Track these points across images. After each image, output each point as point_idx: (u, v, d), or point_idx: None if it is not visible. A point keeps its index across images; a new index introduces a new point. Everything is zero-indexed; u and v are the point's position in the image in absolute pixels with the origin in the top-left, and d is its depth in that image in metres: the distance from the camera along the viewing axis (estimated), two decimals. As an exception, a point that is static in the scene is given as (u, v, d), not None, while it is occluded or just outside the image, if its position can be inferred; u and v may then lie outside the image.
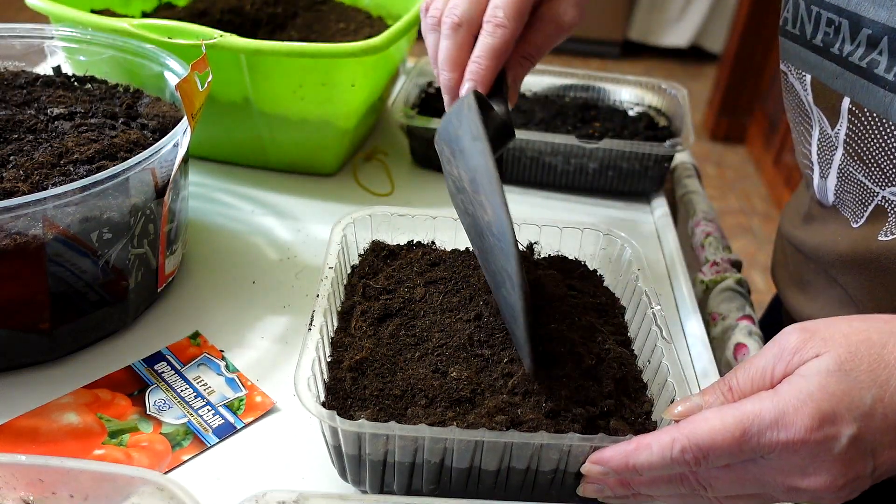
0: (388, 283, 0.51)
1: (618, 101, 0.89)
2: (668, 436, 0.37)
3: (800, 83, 0.55)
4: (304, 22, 0.84)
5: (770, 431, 0.35)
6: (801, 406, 0.35)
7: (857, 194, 0.52)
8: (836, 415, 0.35)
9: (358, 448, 0.41)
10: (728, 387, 0.39)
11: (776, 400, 0.36)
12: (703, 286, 0.70)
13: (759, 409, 0.36)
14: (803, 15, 0.52)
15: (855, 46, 0.48)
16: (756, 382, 0.38)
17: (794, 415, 0.35)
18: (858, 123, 0.49)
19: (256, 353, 0.55)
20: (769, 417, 0.35)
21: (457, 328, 0.47)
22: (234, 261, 0.65)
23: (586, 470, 0.41)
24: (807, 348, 0.37)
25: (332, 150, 0.75)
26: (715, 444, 0.36)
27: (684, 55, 3.63)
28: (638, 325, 0.51)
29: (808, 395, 0.35)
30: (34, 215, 0.45)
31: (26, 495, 0.37)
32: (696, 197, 0.82)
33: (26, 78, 0.63)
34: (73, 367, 0.52)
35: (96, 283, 0.51)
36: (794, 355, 0.37)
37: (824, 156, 0.55)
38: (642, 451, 0.38)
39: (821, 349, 0.36)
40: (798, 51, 0.54)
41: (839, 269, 0.55)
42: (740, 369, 0.39)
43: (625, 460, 0.38)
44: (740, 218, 2.43)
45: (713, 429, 0.36)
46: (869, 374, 0.35)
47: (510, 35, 0.49)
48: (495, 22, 0.48)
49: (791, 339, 0.37)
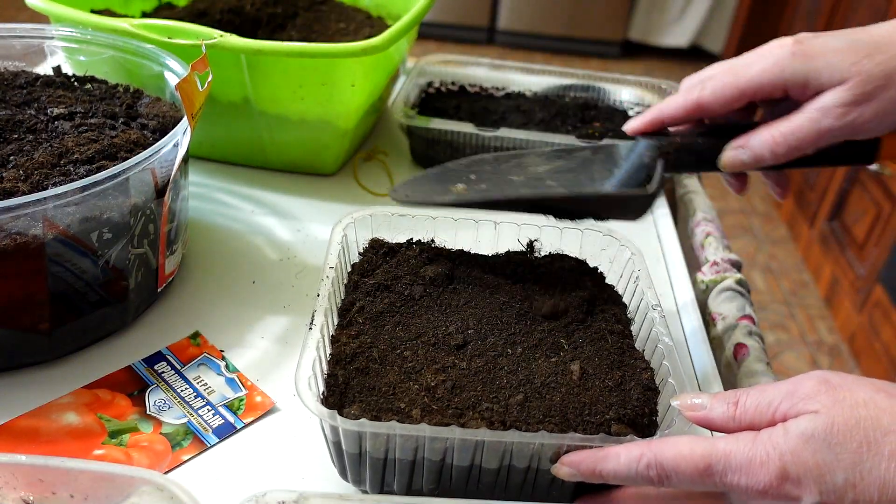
0: (387, 279, 0.51)
1: (618, 101, 0.89)
2: (638, 450, 0.38)
3: None
4: (304, 22, 0.84)
5: (733, 474, 0.36)
6: (769, 461, 0.35)
7: None
8: (801, 481, 0.34)
9: (358, 446, 0.41)
10: (735, 401, 0.39)
11: (750, 447, 0.36)
12: (703, 286, 0.70)
13: (729, 451, 0.36)
14: None
15: None
16: (760, 411, 0.38)
17: (760, 468, 0.35)
18: None
19: (256, 353, 0.55)
20: (736, 462, 0.36)
21: (459, 325, 0.47)
22: (234, 261, 0.65)
23: (555, 470, 0.41)
24: (814, 399, 0.36)
25: (332, 150, 0.75)
26: (678, 469, 0.37)
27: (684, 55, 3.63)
28: (638, 325, 0.51)
29: (779, 453, 0.35)
30: (34, 215, 0.45)
31: (26, 495, 0.37)
32: (696, 197, 0.82)
33: (26, 78, 0.63)
34: (72, 367, 0.52)
35: (96, 283, 0.51)
36: (800, 401, 0.36)
37: None
38: (610, 459, 0.39)
39: (822, 407, 0.35)
40: None
41: None
42: (753, 392, 0.38)
43: (593, 466, 0.39)
44: (740, 218, 2.43)
45: (679, 454, 0.37)
46: (853, 454, 0.34)
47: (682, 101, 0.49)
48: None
49: (807, 385, 0.37)
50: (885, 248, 1.73)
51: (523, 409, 0.42)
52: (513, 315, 0.49)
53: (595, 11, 3.41)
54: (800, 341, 1.89)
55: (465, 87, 0.90)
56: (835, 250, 1.98)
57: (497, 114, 0.83)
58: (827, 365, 1.82)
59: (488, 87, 0.90)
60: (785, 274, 2.14)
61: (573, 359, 0.46)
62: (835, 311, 1.96)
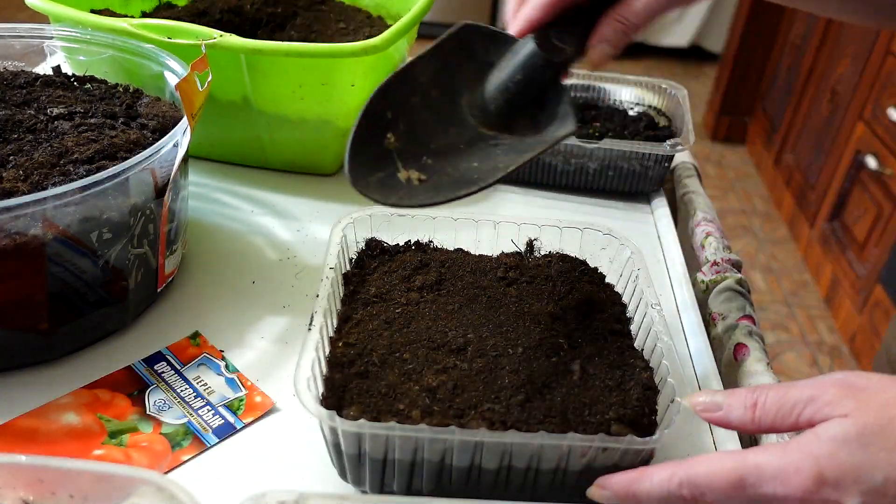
0: (382, 285, 0.51)
1: (618, 101, 0.88)
2: (669, 469, 0.38)
3: None
4: (303, 22, 0.84)
5: (767, 484, 0.35)
6: (804, 468, 0.34)
7: None
8: (840, 484, 0.34)
9: (358, 447, 0.41)
10: (754, 403, 0.38)
11: (781, 456, 0.35)
12: (704, 286, 0.70)
13: (760, 462, 0.35)
14: None
15: None
16: (782, 415, 0.37)
17: (795, 475, 0.34)
18: None
19: (256, 353, 0.55)
20: (769, 472, 0.35)
21: (458, 328, 0.47)
22: (234, 261, 0.65)
23: (592, 493, 0.41)
24: (840, 404, 0.35)
25: (332, 150, 0.75)
26: (711, 485, 0.36)
27: (685, 55, 3.63)
28: (638, 325, 0.51)
29: (814, 458, 0.34)
30: (34, 215, 0.45)
31: (26, 495, 0.37)
32: (696, 197, 0.82)
33: (26, 78, 0.63)
34: (72, 368, 0.52)
35: (96, 283, 0.51)
36: (825, 407, 0.36)
37: None
38: (644, 480, 0.38)
39: (851, 410, 0.35)
40: None
41: None
42: (773, 392, 0.38)
43: (626, 487, 0.39)
44: (741, 218, 2.43)
45: (711, 471, 0.36)
46: (890, 453, 0.34)
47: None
48: None
49: (830, 391, 0.36)
50: (885, 249, 1.73)
51: (524, 409, 0.42)
52: (512, 316, 0.49)
53: (595, 11, 3.41)
54: (800, 341, 1.89)
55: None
56: (835, 250, 1.98)
57: (497, 114, 0.83)
58: (827, 365, 1.82)
59: (488, 87, 0.90)
60: (785, 274, 2.14)
61: (573, 359, 0.46)
62: (835, 311, 1.96)
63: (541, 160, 0.78)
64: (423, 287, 0.51)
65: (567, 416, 0.42)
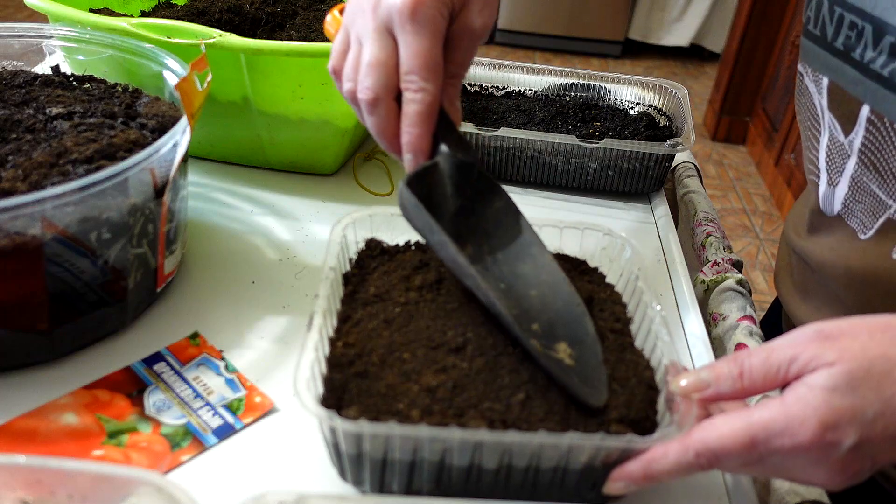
0: (381, 286, 0.51)
1: (618, 101, 0.88)
2: (682, 443, 0.39)
3: (815, 86, 0.53)
4: (303, 21, 0.84)
5: (776, 438, 0.37)
6: (807, 419, 0.37)
7: (868, 205, 0.51)
8: (839, 426, 0.37)
9: (357, 447, 0.41)
10: (740, 372, 0.40)
11: (784, 411, 0.37)
12: (704, 286, 0.70)
13: (766, 419, 0.38)
14: (825, 15, 0.51)
15: (877, 53, 0.47)
16: (768, 378, 0.39)
17: (801, 426, 0.37)
18: (877, 133, 0.48)
19: (256, 353, 0.55)
20: (777, 427, 0.37)
21: (457, 327, 0.47)
22: (234, 261, 0.65)
23: (609, 488, 0.42)
24: (823, 355, 0.38)
25: (332, 150, 0.75)
26: (726, 449, 0.38)
27: (685, 54, 3.63)
28: (638, 324, 0.51)
29: (813, 408, 0.37)
30: (33, 215, 0.45)
31: (24, 496, 0.37)
32: (696, 197, 0.82)
33: (25, 77, 0.63)
34: (71, 368, 0.52)
35: (95, 283, 0.51)
36: (810, 361, 0.38)
37: (834, 163, 0.53)
38: (659, 460, 0.40)
39: (835, 358, 0.38)
40: (818, 53, 0.53)
41: (844, 284, 0.54)
42: (755, 358, 0.40)
43: (644, 471, 0.40)
44: (741, 218, 2.43)
45: (723, 435, 0.38)
46: (875, 391, 0.37)
47: (433, 94, 0.47)
48: (413, 88, 0.47)
49: (809, 348, 0.39)
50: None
51: (524, 408, 0.42)
52: (512, 315, 0.49)
53: (595, 11, 3.42)
54: (800, 341, 1.89)
55: (465, 86, 0.90)
56: (835, 250, 1.98)
57: (497, 113, 0.83)
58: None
59: (488, 87, 0.90)
60: (785, 274, 2.14)
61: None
62: (835, 310, 1.95)
63: (541, 160, 0.78)
64: (422, 286, 0.51)
65: (567, 414, 0.42)
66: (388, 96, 0.48)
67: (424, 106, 0.47)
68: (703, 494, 0.48)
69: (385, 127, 0.49)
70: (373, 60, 0.47)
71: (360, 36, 0.48)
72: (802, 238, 0.61)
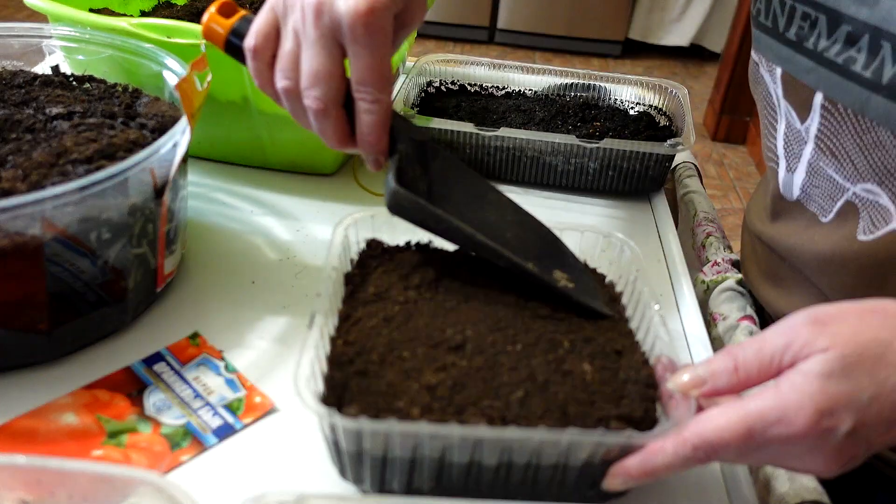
0: (381, 285, 0.51)
1: (618, 101, 0.88)
2: (679, 437, 0.39)
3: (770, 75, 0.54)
4: (303, 21, 0.84)
5: (773, 428, 0.37)
6: (802, 406, 0.37)
7: (826, 190, 0.52)
8: (834, 412, 0.37)
9: (358, 445, 0.41)
10: (735, 365, 0.40)
11: (779, 399, 0.37)
12: (704, 286, 0.70)
13: (762, 409, 0.38)
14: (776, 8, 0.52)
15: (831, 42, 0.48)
16: (764, 368, 0.39)
17: (797, 415, 0.37)
18: (832, 119, 0.49)
19: (256, 353, 0.55)
20: (772, 416, 0.37)
21: (457, 326, 0.47)
22: (234, 261, 0.65)
23: (608, 484, 0.42)
24: (816, 342, 0.38)
25: (332, 150, 0.75)
26: (723, 441, 0.38)
27: (685, 54, 3.63)
28: (637, 324, 0.51)
29: (808, 395, 0.37)
30: (32, 215, 0.45)
31: (24, 496, 0.37)
32: (697, 197, 0.82)
33: (24, 77, 0.63)
34: (71, 368, 0.52)
35: (95, 283, 0.51)
36: (803, 348, 0.38)
37: (791, 150, 0.54)
38: (658, 454, 0.40)
39: (828, 344, 0.38)
40: (770, 43, 0.53)
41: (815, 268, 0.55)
42: (748, 349, 0.40)
43: (642, 466, 0.40)
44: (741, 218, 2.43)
45: (719, 427, 0.38)
46: (869, 375, 0.37)
47: (388, 102, 0.48)
48: (369, 99, 0.47)
49: (802, 335, 0.39)
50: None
51: (523, 405, 0.42)
52: (511, 314, 0.49)
53: (595, 11, 3.42)
54: (800, 341, 1.89)
55: (465, 86, 0.90)
56: (835, 250, 1.98)
57: (497, 113, 0.83)
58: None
59: (488, 87, 0.90)
60: (785, 274, 2.14)
61: (572, 354, 0.46)
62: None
63: (541, 160, 0.78)
64: (421, 285, 0.51)
65: (567, 412, 0.42)
66: (337, 106, 0.48)
67: (381, 116, 0.48)
68: (703, 494, 0.48)
69: (334, 132, 0.49)
70: (321, 70, 0.46)
71: (297, 32, 0.47)
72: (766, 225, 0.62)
